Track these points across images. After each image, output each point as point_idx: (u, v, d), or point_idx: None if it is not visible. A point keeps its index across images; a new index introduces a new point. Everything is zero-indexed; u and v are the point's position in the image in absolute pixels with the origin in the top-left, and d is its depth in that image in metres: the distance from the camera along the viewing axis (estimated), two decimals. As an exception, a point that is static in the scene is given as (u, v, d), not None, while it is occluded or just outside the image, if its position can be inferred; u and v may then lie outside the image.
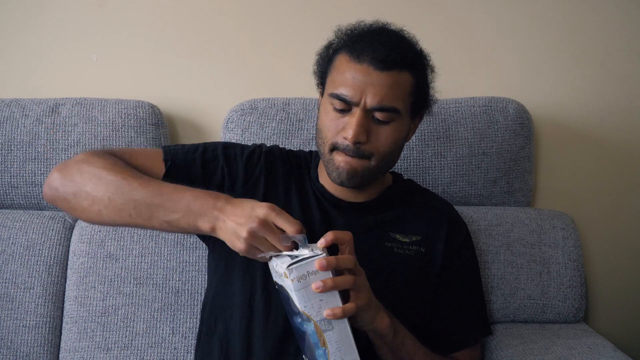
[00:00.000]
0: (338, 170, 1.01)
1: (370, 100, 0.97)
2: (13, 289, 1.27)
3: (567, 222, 1.36)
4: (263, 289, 1.01)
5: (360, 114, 0.97)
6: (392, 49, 0.98)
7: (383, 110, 0.98)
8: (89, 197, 0.93)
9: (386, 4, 1.48)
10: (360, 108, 0.97)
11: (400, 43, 1.01)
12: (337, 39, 1.06)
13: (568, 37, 1.52)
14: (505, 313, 1.31)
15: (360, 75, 0.97)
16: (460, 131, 1.37)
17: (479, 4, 1.51)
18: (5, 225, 1.31)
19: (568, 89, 1.53)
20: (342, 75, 0.99)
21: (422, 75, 1.03)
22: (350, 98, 0.98)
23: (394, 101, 0.98)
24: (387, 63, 0.97)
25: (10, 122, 1.35)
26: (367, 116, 0.98)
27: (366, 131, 0.98)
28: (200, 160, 1.06)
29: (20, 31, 1.50)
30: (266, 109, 1.38)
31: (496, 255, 1.31)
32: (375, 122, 0.99)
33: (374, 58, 0.97)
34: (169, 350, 1.24)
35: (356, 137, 0.97)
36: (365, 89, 0.97)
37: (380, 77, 0.97)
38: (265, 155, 1.11)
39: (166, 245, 1.29)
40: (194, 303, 1.27)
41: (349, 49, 1.00)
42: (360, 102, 0.97)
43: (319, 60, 1.09)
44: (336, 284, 0.80)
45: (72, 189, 0.95)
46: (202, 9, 1.50)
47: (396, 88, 0.98)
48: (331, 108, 1.01)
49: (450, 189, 1.38)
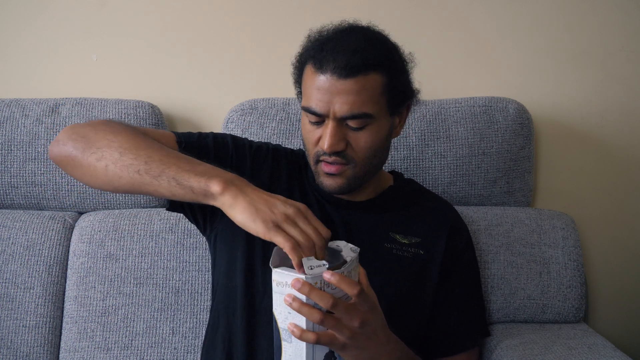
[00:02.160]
0: (325, 181, 1.02)
1: (339, 110, 0.95)
2: (13, 289, 1.27)
3: (567, 222, 1.36)
4: (264, 284, 1.01)
5: (332, 124, 0.96)
6: (353, 54, 0.94)
7: (354, 118, 0.96)
8: (99, 151, 0.90)
9: (386, 4, 1.48)
10: (332, 119, 0.96)
11: (363, 45, 0.97)
12: (304, 49, 1.04)
13: (568, 37, 1.52)
14: (505, 313, 1.31)
15: (326, 85, 0.95)
16: (460, 131, 1.37)
17: (479, 4, 1.51)
18: (5, 225, 1.31)
19: (568, 89, 1.52)
20: (310, 89, 0.98)
21: (392, 71, 0.99)
22: (320, 110, 0.96)
23: (364, 106, 0.96)
24: (349, 69, 0.94)
25: (10, 122, 1.35)
26: (341, 125, 0.97)
27: (342, 139, 0.97)
28: (212, 144, 1.06)
29: (20, 31, 1.50)
30: (266, 109, 1.38)
31: (496, 255, 1.31)
32: (351, 129, 0.98)
33: (335, 67, 0.94)
34: (169, 350, 1.24)
35: (331, 148, 0.96)
36: (331, 100, 0.95)
37: (345, 84, 0.94)
38: (273, 152, 1.12)
39: (166, 245, 1.29)
40: (194, 303, 1.27)
41: (312, 60, 0.98)
42: (329, 113, 0.96)
43: (293, 71, 1.08)
44: (301, 310, 0.75)
45: (82, 144, 0.92)
46: (202, 9, 1.50)
47: (364, 93, 0.95)
48: (307, 120, 1.01)
49: (450, 189, 1.38)
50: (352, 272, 0.79)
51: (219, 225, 1.07)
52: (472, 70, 1.52)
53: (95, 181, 0.93)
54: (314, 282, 0.75)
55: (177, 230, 1.31)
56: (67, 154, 0.93)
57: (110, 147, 0.90)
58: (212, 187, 0.83)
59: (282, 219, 0.79)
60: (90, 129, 0.94)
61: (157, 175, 0.86)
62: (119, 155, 0.89)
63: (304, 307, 0.75)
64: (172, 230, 1.31)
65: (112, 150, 0.89)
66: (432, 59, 1.08)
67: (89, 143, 0.92)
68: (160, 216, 1.33)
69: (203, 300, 1.27)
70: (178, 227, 1.31)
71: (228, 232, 1.05)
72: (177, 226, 1.31)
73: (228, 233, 1.05)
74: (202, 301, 1.27)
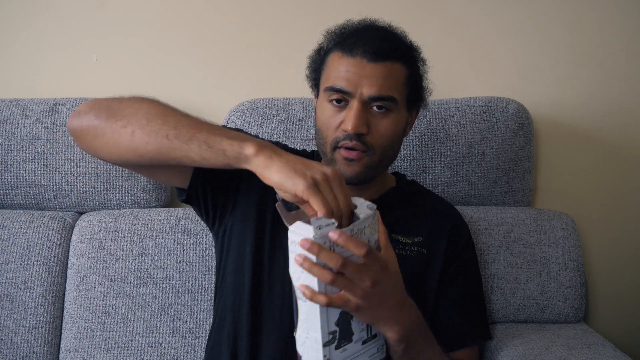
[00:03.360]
0: (343, 168, 1.01)
1: (366, 91, 0.98)
2: (13, 289, 1.27)
3: (567, 222, 1.36)
4: (270, 282, 1.01)
5: (358, 105, 0.98)
6: (383, 41, 1.00)
7: (381, 99, 0.98)
8: (125, 119, 0.88)
9: (386, 4, 1.48)
10: (357, 100, 0.98)
11: (390, 36, 1.04)
12: (327, 41, 1.07)
13: (568, 37, 1.52)
14: (505, 313, 1.31)
15: (354, 68, 0.98)
16: (460, 131, 1.37)
17: (479, 4, 1.51)
18: (5, 225, 1.31)
19: (568, 89, 1.52)
20: (337, 70, 1.00)
21: (414, 66, 1.04)
22: (347, 88, 0.98)
23: (391, 90, 0.99)
24: (379, 54, 0.98)
25: (10, 122, 1.35)
26: (365, 108, 0.99)
27: (365, 123, 0.99)
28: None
29: (20, 31, 1.50)
30: (266, 109, 1.38)
31: (496, 255, 1.31)
32: (374, 115, 1.00)
33: (366, 51, 0.98)
34: (169, 350, 1.24)
35: (356, 128, 0.97)
36: (360, 81, 0.98)
37: (375, 68, 0.98)
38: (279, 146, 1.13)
39: (166, 245, 1.29)
40: (194, 303, 1.27)
41: (340, 46, 1.02)
42: (356, 94, 0.98)
43: (311, 63, 1.09)
44: (312, 271, 0.75)
45: (106, 112, 0.90)
46: (202, 9, 1.49)
47: (391, 78, 0.99)
48: (328, 104, 1.01)
49: (450, 189, 1.38)
50: (365, 230, 0.78)
51: (229, 220, 1.07)
52: (472, 70, 1.52)
53: (117, 150, 0.90)
54: (323, 241, 0.74)
55: (177, 231, 1.31)
56: (89, 123, 0.92)
57: (137, 114, 0.88)
58: (245, 149, 0.82)
59: (322, 179, 0.78)
60: (113, 100, 0.93)
61: (188, 139, 0.85)
62: (146, 121, 0.87)
63: (315, 267, 0.74)
64: (172, 231, 1.31)
65: (138, 117, 0.88)
66: (432, 59, 1.08)
67: (114, 111, 0.90)
68: (160, 216, 1.33)
69: (203, 301, 1.27)
70: (178, 227, 1.31)
71: (237, 228, 1.06)
72: (177, 226, 1.31)
73: (237, 229, 1.06)
74: (202, 301, 1.27)
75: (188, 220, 1.32)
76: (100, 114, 0.91)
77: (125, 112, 0.89)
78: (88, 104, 0.94)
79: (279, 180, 0.80)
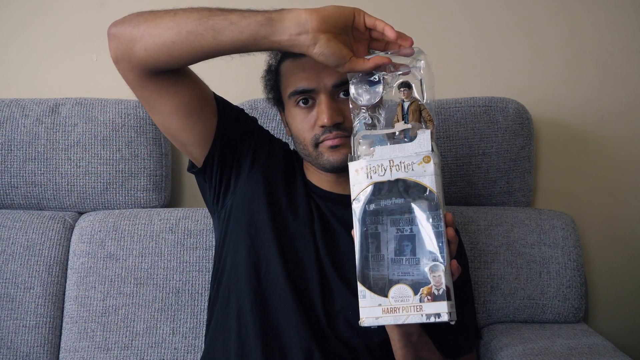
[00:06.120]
0: (331, 156, 1.02)
1: (328, 81, 0.99)
2: (13, 289, 1.27)
3: (567, 222, 1.36)
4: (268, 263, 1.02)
5: (325, 97, 1.00)
6: None
7: (345, 84, 0.98)
8: (159, 15, 0.92)
9: (386, 4, 1.48)
10: (323, 92, 1.00)
11: None
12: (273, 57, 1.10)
13: (568, 37, 1.52)
14: (505, 313, 1.31)
15: (308, 65, 1.00)
16: (460, 131, 1.37)
17: (479, 4, 1.51)
18: (5, 225, 1.31)
19: (568, 89, 1.53)
20: (294, 75, 1.02)
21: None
22: (310, 86, 1.00)
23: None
24: None
25: (10, 122, 1.35)
26: (333, 98, 1.00)
27: (338, 111, 1.00)
28: (242, 114, 1.13)
29: (20, 31, 1.50)
30: (266, 109, 1.38)
31: (496, 255, 1.31)
32: (342, 102, 1.01)
33: None
34: (169, 350, 1.25)
35: (332, 119, 0.98)
36: (319, 75, 0.99)
37: None
38: (271, 138, 1.16)
39: (166, 245, 1.29)
40: (194, 303, 1.27)
41: (287, 55, 1.04)
42: (320, 87, 0.99)
43: (266, 83, 1.12)
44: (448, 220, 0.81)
45: (144, 15, 0.94)
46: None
47: None
48: (296, 109, 1.03)
49: (450, 189, 1.38)
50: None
51: (230, 200, 1.08)
52: (472, 70, 1.52)
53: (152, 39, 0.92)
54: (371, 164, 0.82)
55: (177, 231, 1.31)
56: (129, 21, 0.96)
57: (176, 15, 0.90)
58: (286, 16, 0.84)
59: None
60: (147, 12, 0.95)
61: (223, 18, 0.87)
62: (182, 11, 0.90)
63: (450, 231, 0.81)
64: (172, 231, 1.31)
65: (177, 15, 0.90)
66: (432, 59, 1.08)
67: (152, 14, 0.93)
68: (160, 216, 1.33)
69: (203, 301, 1.27)
70: (178, 227, 1.31)
71: (240, 210, 1.07)
72: (177, 226, 1.31)
73: (240, 211, 1.07)
74: (203, 301, 1.27)
75: (188, 220, 1.32)
76: (140, 17, 0.95)
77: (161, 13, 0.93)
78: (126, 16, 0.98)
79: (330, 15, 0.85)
